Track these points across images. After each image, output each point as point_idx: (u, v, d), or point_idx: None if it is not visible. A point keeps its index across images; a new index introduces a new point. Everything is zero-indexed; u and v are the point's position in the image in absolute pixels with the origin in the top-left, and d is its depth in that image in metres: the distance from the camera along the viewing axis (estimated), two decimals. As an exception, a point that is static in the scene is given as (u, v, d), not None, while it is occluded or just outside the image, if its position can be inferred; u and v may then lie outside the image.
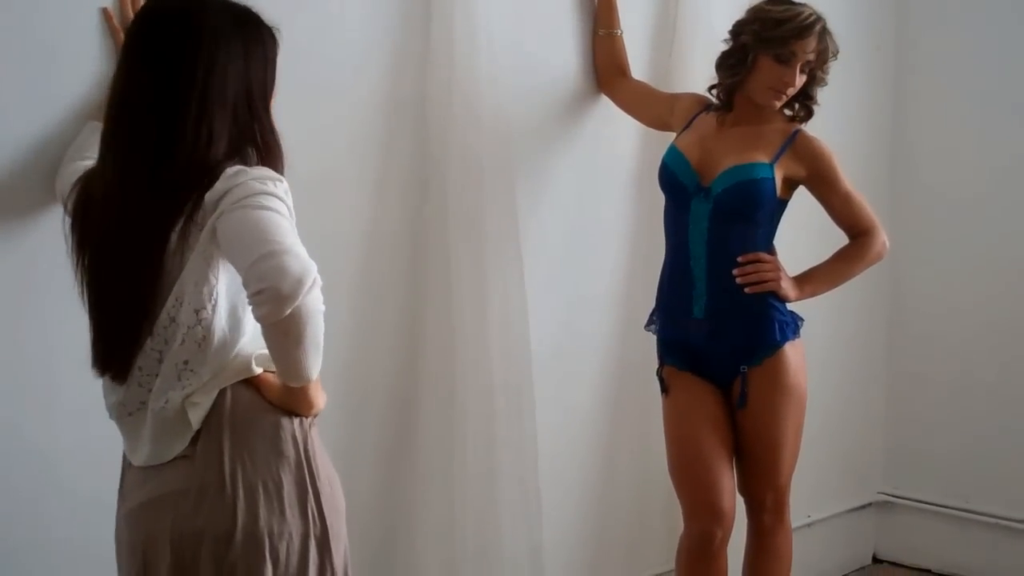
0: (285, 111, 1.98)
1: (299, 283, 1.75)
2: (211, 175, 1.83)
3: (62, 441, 2.27)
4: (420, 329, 2.89)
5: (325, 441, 2.64)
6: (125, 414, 1.96)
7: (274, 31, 1.96)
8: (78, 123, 2.21)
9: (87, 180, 1.95)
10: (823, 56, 2.83)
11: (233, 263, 1.82)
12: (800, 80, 2.82)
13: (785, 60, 2.79)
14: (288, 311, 1.75)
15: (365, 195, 2.79)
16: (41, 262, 2.17)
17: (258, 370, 1.94)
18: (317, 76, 2.62)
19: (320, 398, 1.99)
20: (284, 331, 1.79)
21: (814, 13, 2.82)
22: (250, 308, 1.79)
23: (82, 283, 1.93)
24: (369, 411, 2.84)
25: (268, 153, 1.92)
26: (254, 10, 1.95)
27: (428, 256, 2.88)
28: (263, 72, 1.93)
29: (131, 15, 2.22)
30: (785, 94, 2.83)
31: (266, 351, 1.88)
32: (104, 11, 2.23)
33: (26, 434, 2.24)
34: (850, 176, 2.96)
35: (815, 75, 2.85)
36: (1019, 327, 4.03)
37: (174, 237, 1.84)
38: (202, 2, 1.91)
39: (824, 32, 2.81)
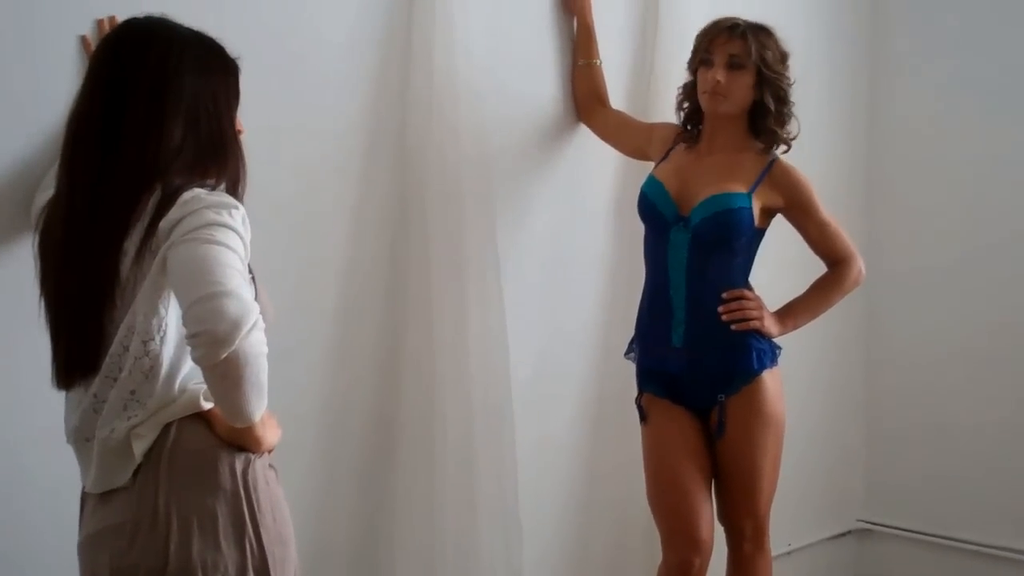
0: (265, 136, 1.99)
1: (235, 327, 1.72)
2: (166, 200, 1.82)
3: (48, 450, 2.25)
4: (400, 353, 2.90)
5: (304, 462, 2.65)
6: (82, 439, 1.95)
7: (236, 62, 1.98)
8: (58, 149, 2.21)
9: (52, 205, 1.95)
10: (759, 55, 2.82)
11: (178, 300, 1.80)
12: (734, 79, 2.83)
13: (708, 62, 2.86)
14: (224, 355, 1.72)
15: (345, 220, 2.80)
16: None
17: (207, 405, 1.92)
18: (297, 100, 2.64)
19: (270, 434, 1.96)
20: (221, 374, 1.75)
21: (739, 19, 2.88)
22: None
23: (43, 307, 1.93)
24: (349, 434, 2.84)
25: (225, 170, 1.92)
26: (218, 41, 1.96)
27: (408, 281, 2.89)
28: (223, 92, 1.94)
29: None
30: (719, 93, 2.84)
31: None
32: (83, 39, 2.25)
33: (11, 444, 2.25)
34: (827, 205, 2.98)
35: (763, 77, 2.84)
36: (997, 355, 4.05)
37: (127, 262, 1.84)
38: (164, 29, 1.93)
39: (749, 32, 2.83)
